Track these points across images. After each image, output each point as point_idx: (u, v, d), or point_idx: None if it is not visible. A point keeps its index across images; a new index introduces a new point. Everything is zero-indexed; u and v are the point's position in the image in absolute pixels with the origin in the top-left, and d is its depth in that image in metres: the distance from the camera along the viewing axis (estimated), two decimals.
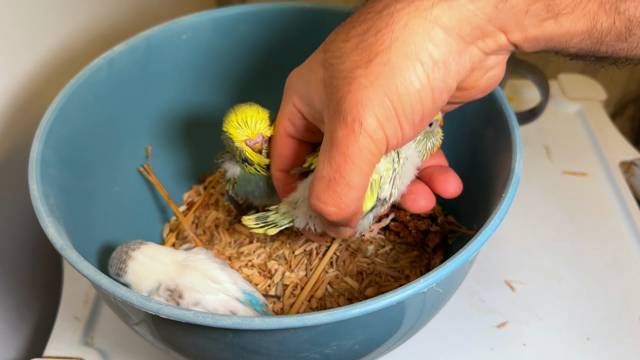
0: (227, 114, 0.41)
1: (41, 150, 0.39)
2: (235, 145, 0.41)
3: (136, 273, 0.40)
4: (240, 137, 0.40)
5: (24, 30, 0.52)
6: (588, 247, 0.55)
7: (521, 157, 0.38)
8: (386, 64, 0.30)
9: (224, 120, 0.41)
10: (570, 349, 0.48)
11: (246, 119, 0.40)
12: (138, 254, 0.41)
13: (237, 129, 0.40)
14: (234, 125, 0.40)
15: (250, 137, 0.40)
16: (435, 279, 0.31)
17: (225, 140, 0.42)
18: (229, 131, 0.40)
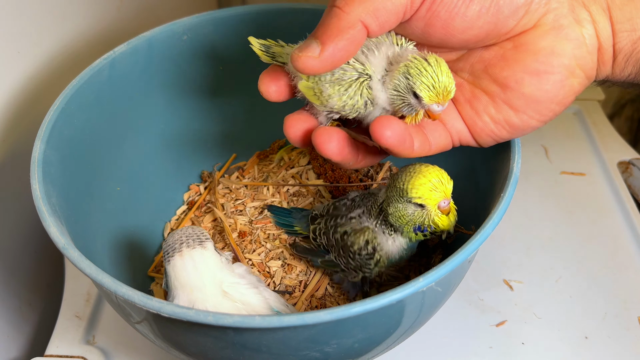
0: (409, 179, 0.37)
1: (43, 150, 0.40)
2: (425, 211, 0.38)
3: (176, 272, 0.38)
4: (436, 199, 0.37)
5: (25, 31, 0.52)
6: (586, 247, 0.56)
7: (520, 158, 0.38)
8: None
9: (407, 187, 0.37)
10: (569, 347, 0.48)
11: (439, 178, 0.37)
12: (187, 255, 0.38)
13: (432, 192, 0.37)
14: (427, 188, 0.37)
15: (447, 197, 0.37)
16: (435, 278, 0.31)
17: (397, 212, 0.39)
18: (423, 196, 0.37)
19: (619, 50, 0.32)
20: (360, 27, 0.31)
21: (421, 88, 0.33)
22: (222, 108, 0.56)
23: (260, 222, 0.52)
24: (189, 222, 0.54)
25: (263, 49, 0.38)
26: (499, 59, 0.34)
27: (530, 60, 0.33)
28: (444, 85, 0.33)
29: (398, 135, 0.33)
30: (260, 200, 0.54)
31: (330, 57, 0.31)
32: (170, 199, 0.56)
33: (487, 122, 0.36)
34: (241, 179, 0.57)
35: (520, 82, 0.34)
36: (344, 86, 0.34)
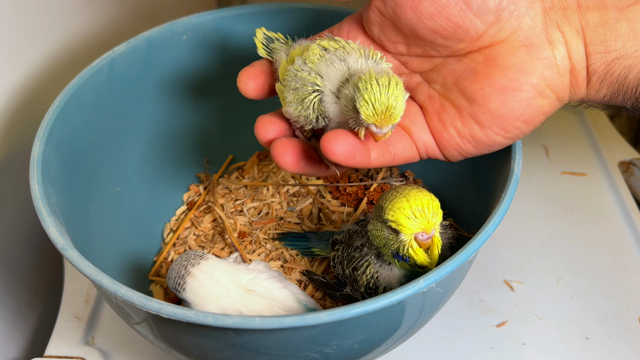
0: (392, 198, 0.35)
1: (42, 150, 0.40)
2: (399, 238, 0.35)
3: (196, 293, 0.37)
4: (412, 229, 0.34)
5: (25, 30, 0.52)
6: (587, 247, 0.55)
7: (520, 158, 0.38)
8: None
9: (387, 206, 0.35)
10: (569, 348, 0.48)
11: (423, 207, 0.34)
12: (197, 272, 0.37)
13: (410, 219, 0.34)
14: (405, 214, 0.34)
15: (426, 231, 0.34)
16: (435, 278, 0.31)
17: (375, 231, 0.37)
18: (397, 220, 0.34)
19: (593, 71, 0.32)
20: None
21: (362, 104, 0.31)
22: (222, 108, 0.56)
23: (260, 223, 0.52)
24: (189, 222, 0.54)
25: (264, 42, 0.38)
26: (469, 72, 0.34)
27: (499, 76, 0.33)
28: (386, 106, 0.31)
29: (346, 152, 0.33)
30: (260, 200, 0.54)
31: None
32: (170, 199, 0.56)
33: (453, 135, 0.36)
34: (241, 179, 0.57)
35: (487, 97, 0.34)
36: (300, 97, 0.34)
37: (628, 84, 0.32)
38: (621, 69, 0.31)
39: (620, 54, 0.31)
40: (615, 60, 0.31)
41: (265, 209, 0.54)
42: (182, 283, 0.38)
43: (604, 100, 0.33)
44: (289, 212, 0.53)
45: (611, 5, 0.31)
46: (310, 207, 0.53)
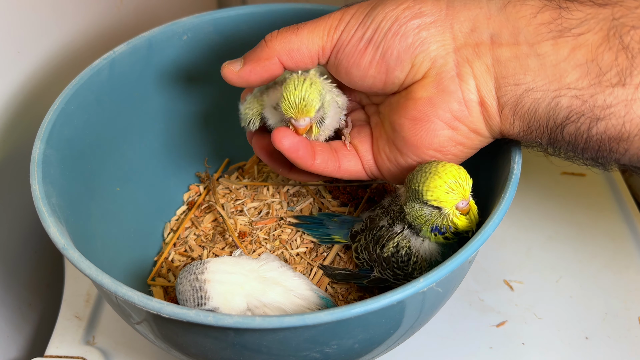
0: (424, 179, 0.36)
1: (43, 150, 0.40)
2: (442, 212, 0.37)
3: (222, 294, 0.36)
4: (453, 201, 0.36)
5: (25, 30, 0.52)
6: (586, 247, 0.56)
7: (520, 158, 0.38)
8: None
9: (422, 188, 0.36)
10: (569, 348, 0.48)
11: (456, 179, 0.36)
12: (210, 275, 0.36)
13: (449, 193, 0.36)
14: (443, 190, 0.36)
15: (465, 198, 0.36)
16: (435, 278, 0.31)
17: (414, 212, 0.38)
18: (439, 198, 0.36)
19: (504, 104, 0.34)
20: (276, 61, 0.38)
21: (282, 100, 0.38)
22: (222, 108, 0.56)
23: (260, 223, 0.52)
24: (189, 222, 0.54)
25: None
26: (395, 105, 0.39)
27: (411, 108, 0.37)
28: (298, 100, 0.37)
29: (291, 144, 0.39)
30: (260, 200, 0.54)
31: (246, 75, 0.39)
32: (170, 199, 0.56)
33: (384, 159, 0.40)
34: (241, 179, 0.57)
35: (402, 126, 0.38)
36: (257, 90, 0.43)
37: (539, 118, 0.33)
38: (531, 102, 0.33)
39: (529, 87, 0.33)
40: (525, 93, 0.33)
41: (266, 209, 0.54)
42: (204, 294, 0.36)
43: (520, 136, 0.35)
44: (289, 212, 0.53)
45: (524, 41, 0.33)
46: (310, 206, 0.54)
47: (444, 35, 0.35)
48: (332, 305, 0.40)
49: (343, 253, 0.50)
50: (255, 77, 0.39)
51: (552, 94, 0.32)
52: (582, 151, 0.33)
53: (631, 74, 0.30)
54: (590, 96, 0.31)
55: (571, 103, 0.31)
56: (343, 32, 0.37)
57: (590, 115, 0.31)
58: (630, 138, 0.31)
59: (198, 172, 0.58)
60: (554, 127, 0.33)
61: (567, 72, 0.31)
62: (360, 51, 0.37)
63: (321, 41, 0.38)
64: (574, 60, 0.31)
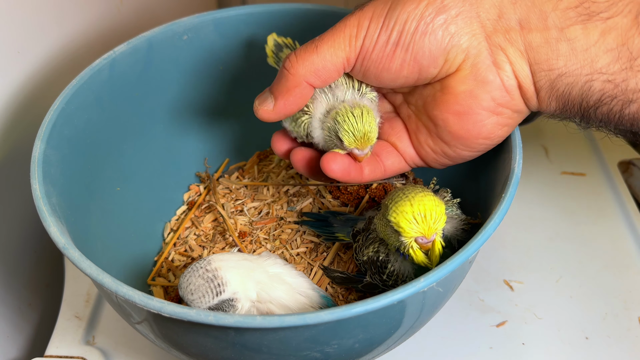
0: (397, 200, 0.36)
1: (43, 150, 0.40)
2: (400, 239, 0.36)
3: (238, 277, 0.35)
4: (412, 233, 0.35)
5: (25, 30, 0.52)
6: (587, 247, 0.56)
7: (521, 158, 0.38)
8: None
9: (391, 207, 0.36)
10: (569, 348, 0.48)
11: (425, 212, 0.35)
12: (220, 263, 0.36)
13: (411, 224, 0.35)
14: (407, 219, 0.35)
15: (425, 236, 0.35)
16: (435, 278, 0.31)
17: (381, 226, 0.38)
18: (399, 223, 0.35)
19: (540, 87, 0.34)
20: (305, 85, 0.37)
21: (343, 134, 0.38)
22: (222, 108, 0.56)
23: (260, 223, 0.52)
24: (190, 222, 0.54)
25: (274, 50, 0.42)
26: (431, 99, 0.38)
27: (452, 103, 0.37)
28: (362, 133, 0.38)
29: (342, 169, 0.39)
30: (260, 200, 0.54)
31: (282, 110, 0.38)
32: (170, 199, 0.56)
33: (428, 152, 0.40)
34: (241, 179, 0.57)
35: (446, 121, 0.38)
36: (294, 117, 0.41)
37: (573, 100, 0.33)
38: (564, 85, 0.33)
39: (562, 72, 0.33)
40: (558, 77, 0.33)
41: (266, 209, 0.54)
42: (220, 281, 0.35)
43: (556, 113, 0.36)
44: (289, 212, 0.53)
45: (552, 25, 0.33)
46: (311, 206, 0.54)
47: (472, 25, 0.34)
48: (333, 304, 0.40)
49: (343, 253, 0.50)
50: (292, 108, 0.38)
51: (584, 79, 0.32)
52: (615, 127, 0.34)
53: None
54: (622, 80, 0.31)
55: (603, 87, 0.32)
56: (365, 39, 0.36)
57: (622, 98, 0.32)
58: None
59: (198, 172, 0.58)
60: (587, 107, 0.33)
61: (598, 56, 0.31)
62: (388, 55, 0.36)
63: (344, 53, 0.37)
64: (604, 44, 0.31)
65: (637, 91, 0.31)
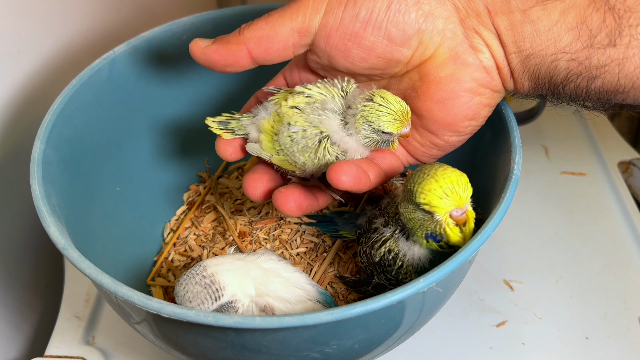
0: (420, 181, 0.35)
1: (43, 150, 0.40)
2: (435, 218, 0.35)
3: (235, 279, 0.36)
4: (446, 207, 0.34)
5: (25, 30, 0.52)
6: (586, 247, 0.56)
7: (520, 158, 0.38)
8: None
9: (417, 189, 0.35)
10: (569, 348, 0.48)
11: (453, 184, 0.34)
12: (215, 268, 0.36)
13: (442, 199, 0.34)
14: (437, 195, 0.34)
15: (459, 206, 0.34)
16: (435, 278, 0.31)
17: (408, 214, 0.37)
18: (430, 202, 0.34)
19: (513, 68, 0.35)
20: (244, 49, 0.36)
21: (387, 126, 0.36)
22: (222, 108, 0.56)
23: (260, 223, 0.52)
24: (189, 222, 0.54)
25: (222, 127, 0.41)
26: (411, 91, 0.38)
27: (434, 90, 0.36)
28: (401, 111, 0.36)
29: (353, 178, 0.36)
30: None
31: (211, 54, 0.37)
32: (170, 199, 0.56)
33: (417, 146, 0.40)
34: (241, 179, 0.57)
35: (431, 110, 0.37)
36: (311, 150, 0.38)
37: (542, 79, 0.35)
38: (533, 66, 0.34)
39: (529, 52, 0.34)
40: (527, 58, 0.34)
41: (265, 209, 0.54)
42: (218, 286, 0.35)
43: (529, 93, 0.37)
44: None
45: (515, 8, 0.33)
46: None
47: (445, 6, 0.35)
48: (332, 301, 0.40)
49: (343, 253, 0.50)
50: (218, 58, 0.37)
51: (550, 58, 0.33)
52: (584, 101, 0.35)
53: (620, 34, 0.31)
54: (585, 58, 0.32)
55: (568, 65, 0.33)
56: (327, 15, 0.35)
57: (587, 75, 0.33)
58: (626, 91, 0.33)
59: (199, 172, 0.58)
60: (555, 85, 0.34)
61: (561, 36, 0.33)
62: (357, 33, 0.35)
63: (295, 25, 0.36)
64: (565, 24, 0.32)
65: (599, 67, 0.32)
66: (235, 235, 0.51)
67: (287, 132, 0.38)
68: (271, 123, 0.39)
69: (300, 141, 0.38)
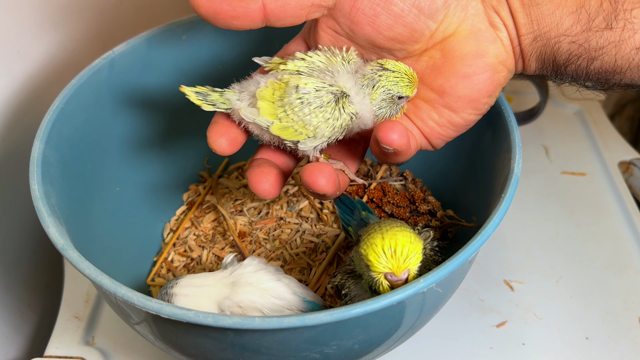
0: (371, 232, 0.35)
1: (42, 150, 0.40)
2: (370, 274, 0.35)
3: (187, 306, 0.38)
4: (381, 268, 0.34)
5: (25, 30, 0.52)
6: (587, 247, 0.55)
7: (520, 158, 0.38)
8: None
9: (364, 238, 0.35)
10: (569, 348, 0.48)
11: (396, 248, 0.33)
12: (179, 290, 0.38)
13: (380, 258, 0.33)
14: (376, 253, 0.33)
15: (394, 273, 0.34)
16: (435, 278, 0.31)
17: (357, 259, 0.36)
18: (367, 256, 0.34)
19: (524, 48, 0.36)
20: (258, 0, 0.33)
21: (404, 90, 0.36)
22: None
23: (260, 223, 0.52)
24: (189, 222, 0.54)
25: (201, 98, 0.38)
26: (431, 69, 0.37)
27: (460, 65, 0.36)
28: (411, 74, 0.36)
29: (403, 135, 0.34)
30: (260, 200, 0.54)
31: (218, 1, 0.33)
32: (170, 199, 0.56)
33: (433, 127, 0.38)
34: (241, 179, 0.57)
35: (455, 86, 0.37)
36: (327, 111, 0.35)
37: (547, 60, 0.36)
38: (539, 47, 0.35)
39: (536, 35, 0.35)
40: (534, 40, 0.35)
41: (265, 209, 0.54)
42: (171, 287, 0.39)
43: (535, 73, 0.38)
44: (289, 212, 0.53)
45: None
46: (310, 206, 0.54)
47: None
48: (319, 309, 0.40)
49: (343, 253, 0.50)
50: (227, 7, 0.33)
51: (553, 41, 0.35)
52: (584, 81, 0.36)
53: (616, 18, 0.33)
54: (585, 40, 0.34)
55: (569, 47, 0.34)
56: None
57: (586, 56, 0.34)
58: (623, 71, 0.34)
59: (201, 172, 0.58)
60: (558, 66, 0.36)
61: (563, 19, 0.34)
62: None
63: None
64: (566, 7, 0.34)
65: (598, 49, 0.34)
66: (236, 235, 0.51)
67: (295, 94, 0.35)
68: (271, 91, 0.36)
69: (313, 101, 0.35)
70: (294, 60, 0.37)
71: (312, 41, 0.39)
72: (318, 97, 0.35)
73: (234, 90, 0.38)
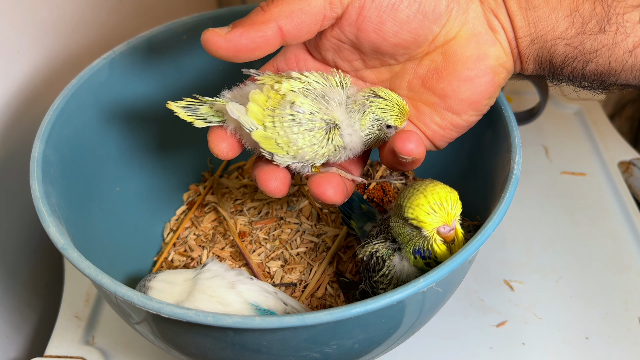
0: (409, 196, 0.35)
1: (42, 150, 0.40)
2: (422, 234, 0.36)
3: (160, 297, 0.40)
4: (433, 223, 0.35)
5: (25, 30, 0.52)
6: (587, 247, 0.56)
7: (520, 158, 0.38)
8: None
9: (405, 204, 0.35)
10: (569, 348, 0.48)
11: (441, 201, 0.35)
12: (154, 283, 0.41)
13: (430, 214, 0.34)
14: (425, 210, 0.34)
15: (447, 223, 0.35)
16: (435, 278, 0.31)
17: (398, 228, 0.37)
18: (417, 217, 0.35)
19: (521, 50, 0.37)
20: (274, 26, 0.33)
21: (393, 120, 0.37)
22: None
23: (259, 223, 0.52)
24: (189, 222, 0.54)
25: (190, 113, 0.37)
26: (433, 73, 0.38)
27: (461, 69, 0.37)
28: (402, 106, 0.37)
29: (420, 143, 0.36)
30: (260, 200, 0.54)
31: (236, 39, 0.33)
32: (170, 199, 0.56)
33: (436, 130, 0.39)
34: (241, 179, 0.57)
35: (457, 89, 0.37)
36: (315, 137, 0.36)
37: (544, 62, 0.36)
38: (536, 50, 0.36)
39: (533, 37, 0.36)
40: (532, 42, 0.36)
41: (265, 209, 0.54)
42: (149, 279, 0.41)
43: (533, 74, 0.38)
44: (289, 212, 0.53)
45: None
46: (310, 206, 0.54)
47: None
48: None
49: (343, 253, 0.50)
50: (247, 41, 0.33)
51: (549, 43, 0.35)
52: (580, 82, 0.37)
53: (609, 21, 0.34)
54: (579, 43, 0.35)
55: (565, 50, 0.35)
56: None
57: (581, 59, 0.35)
58: (617, 73, 0.35)
59: (203, 172, 0.58)
60: (555, 67, 0.36)
61: (559, 22, 0.35)
62: (394, 5, 0.34)
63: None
64: (561, 11, 0.34)
65: (592, 52, 0.34)
66: (236, 235, 0.51)
67: (290, 109, 0.35)
68: (265, 97, 0.36)
69: (305, 123, 0.35)
70: (290, 80, 0.36)
71: (312, 46, 0.39)
72: (311, 121, 0.35)
73: (225, 99, 0.37)
